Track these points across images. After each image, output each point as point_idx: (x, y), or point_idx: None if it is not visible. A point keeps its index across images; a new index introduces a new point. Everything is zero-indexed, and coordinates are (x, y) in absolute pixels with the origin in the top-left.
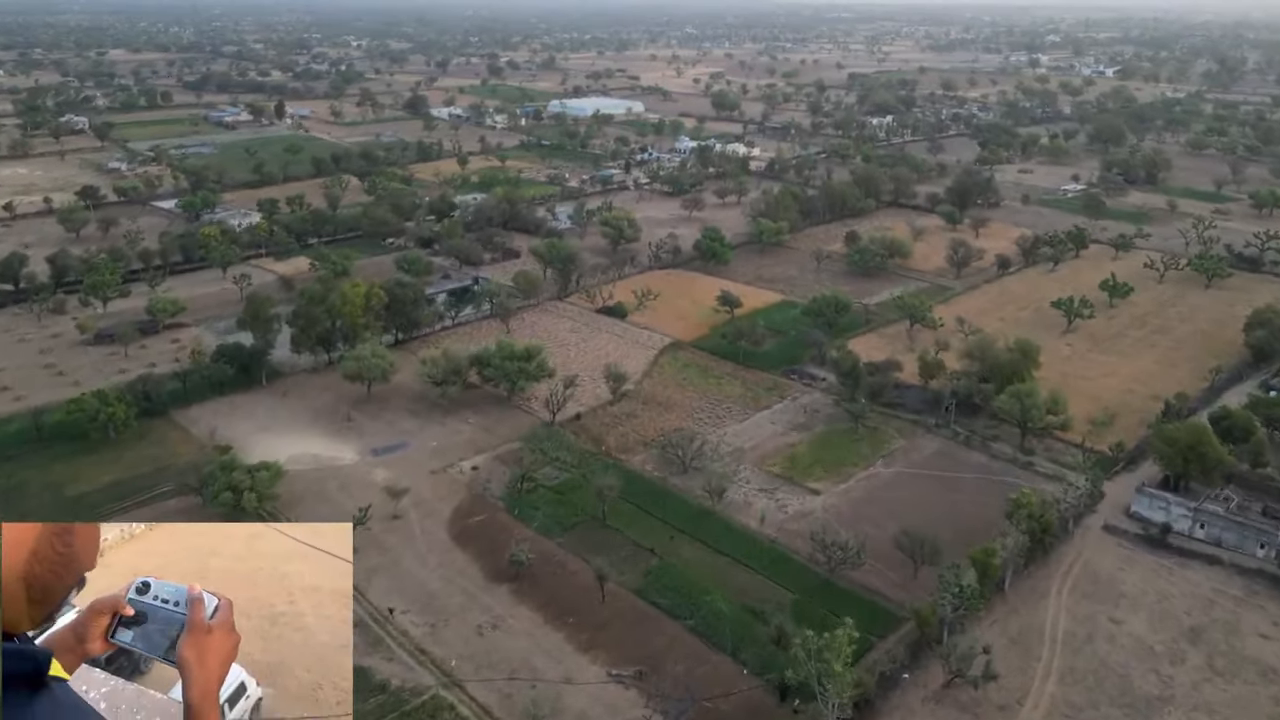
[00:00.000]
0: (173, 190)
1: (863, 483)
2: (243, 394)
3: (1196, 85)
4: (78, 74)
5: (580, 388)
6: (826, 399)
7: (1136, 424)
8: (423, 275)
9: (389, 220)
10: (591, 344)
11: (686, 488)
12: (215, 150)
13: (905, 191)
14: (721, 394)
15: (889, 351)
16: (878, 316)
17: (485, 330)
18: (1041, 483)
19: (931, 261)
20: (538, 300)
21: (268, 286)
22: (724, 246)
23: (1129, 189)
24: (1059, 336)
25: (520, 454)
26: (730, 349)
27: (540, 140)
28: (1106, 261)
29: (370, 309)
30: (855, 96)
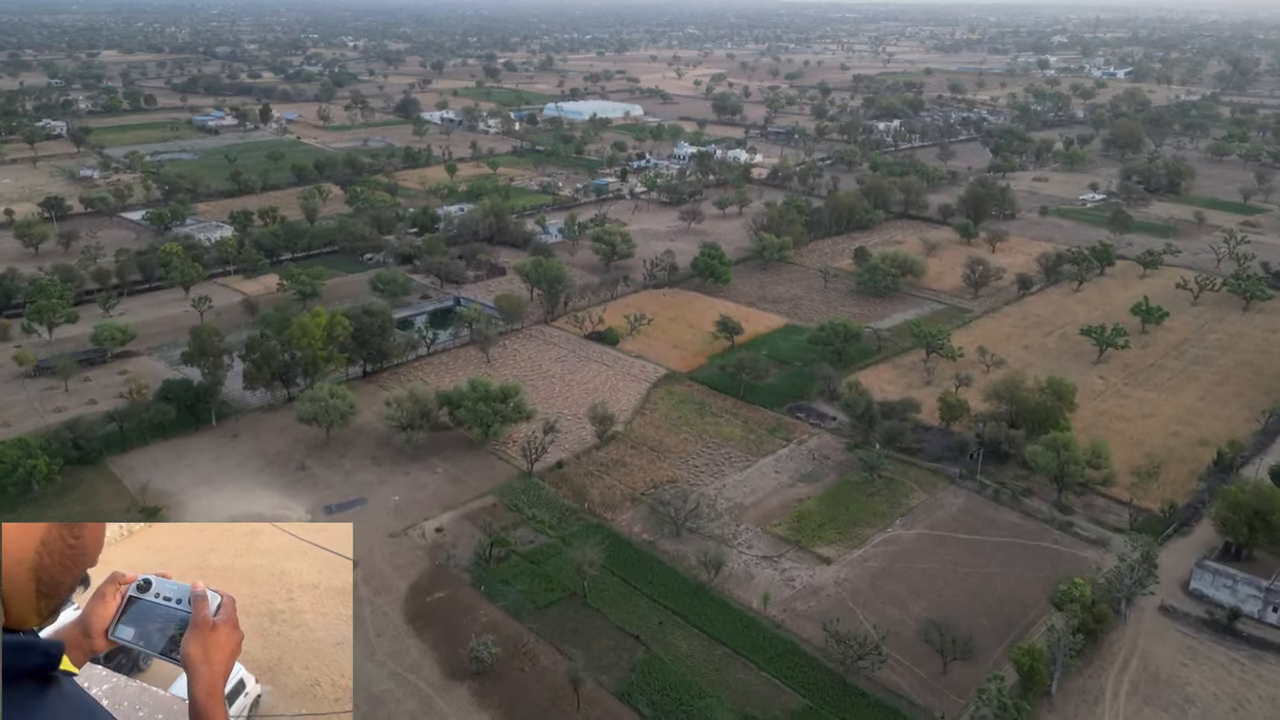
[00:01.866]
0: (144, 200)
1: (880, 549)
2: (189, 436)
3: (1210, 87)
4: (65, 76)
5: (563, 431)
6: (837, 442)
7: (1185, 476)
8: (400, 295)
9: (366, 235)
10: (578, 376)
11: (679, 555)
12: (196, 157)
13: (916, 202)
14: (720, 436)
15: (904, 385)
16: (891, 344)
17: (463, 359)
18: (1083, 549)
19: (946, 280)
20: (522, 325)
21: (230, 309)
22: (724, 265)
23: (1151, 199)
24: (1090, 368)
25: (493, 512)
26: (730, 382)
27: (534, 146)
28: (1134, 280)
29: (334, 339)
30: (861, 100)
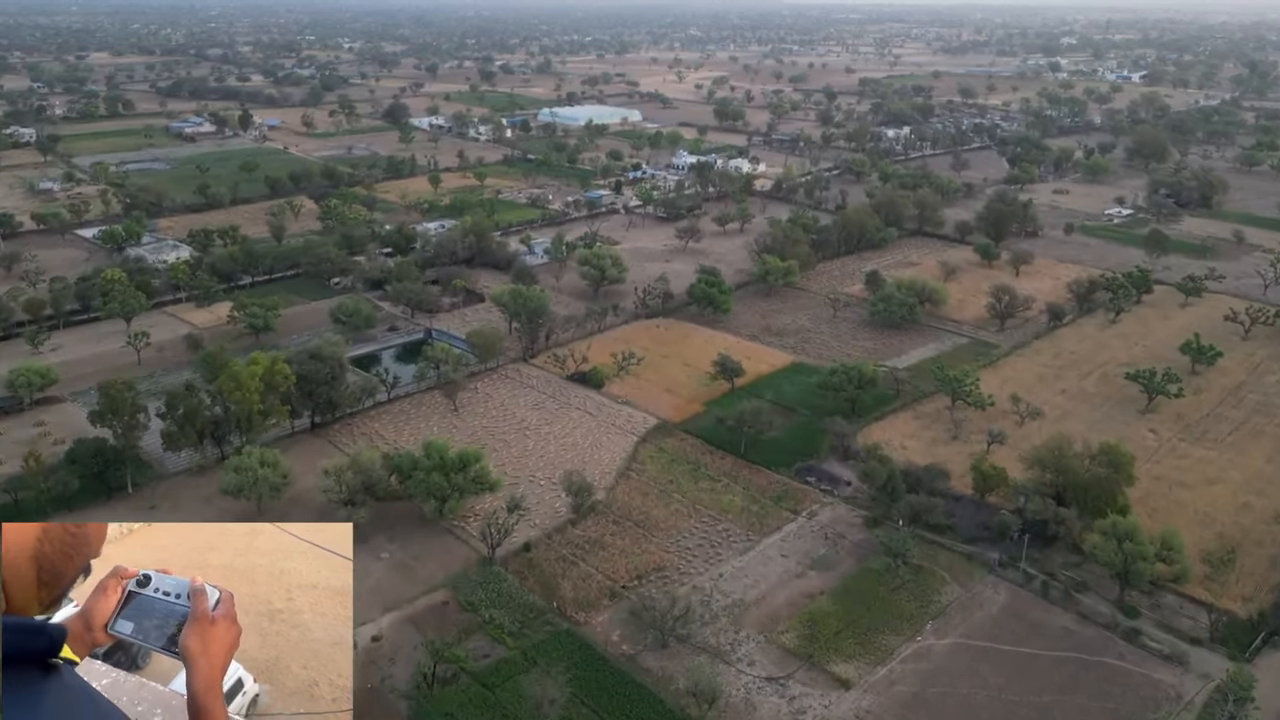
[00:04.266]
0: (101, 216)
1: (909, 666)
2: (99, 507)
3: (1228, 91)
4: (48, 79)
5: (534, 501)
6: (852, 515)
7: (1265, 564)
8: (363, 329)
9: (333, 257)
10: (557, 427)
11: (665, 675)
12: (169, 166)
13: (931, 219)
14: (717, 507)
15: (928, 440)
16: (910, 386)
17: (428, 407)
18: (1155, 667)
19: (969, 309)
20: (498, 363)
21: (173, 344)
22: (723, 293)
23: (1182, 214)
24: (1138, 418)
25: (444, 612)
26: (729, 437)
27: (526, 154)
28: (1174, 309)
29: (274, 389)
30: (868, 104)
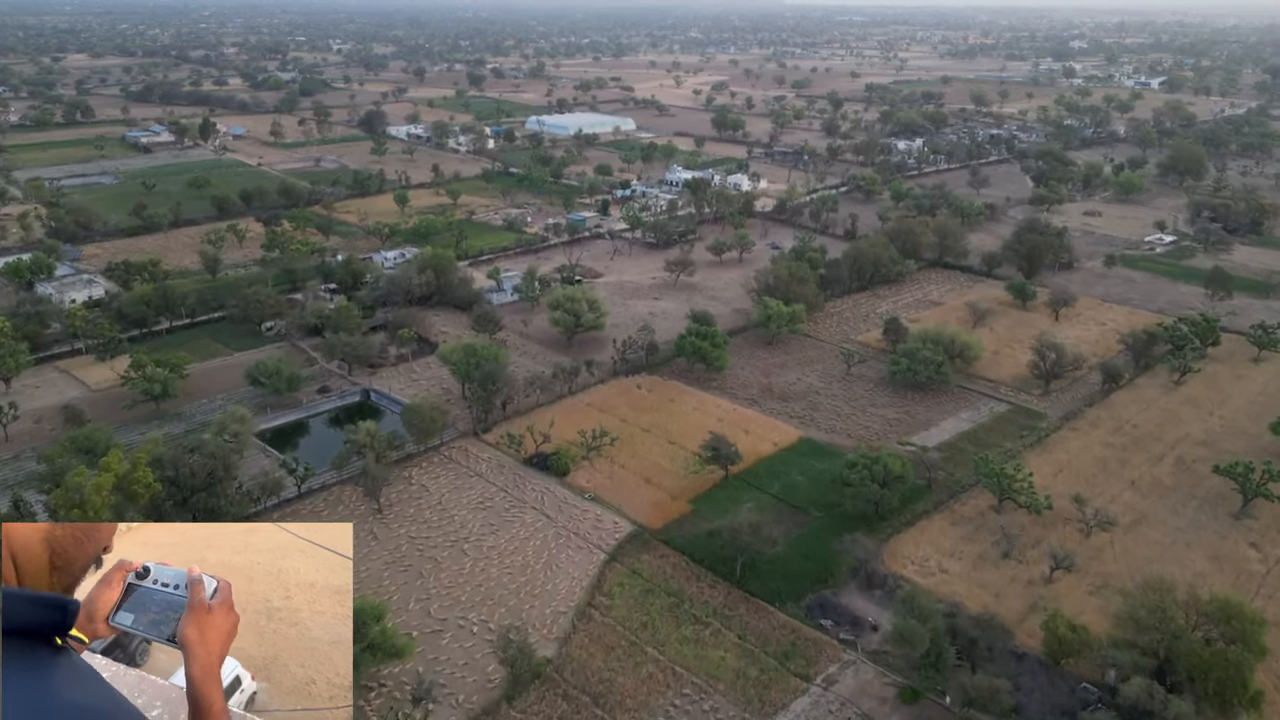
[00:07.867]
0: (21, 243)
1: None
2: None
3: (1252, 99)
4: (15, 83)
5: (460, 668)
6: (881, 682)
7: None
8: (285, 392)
9: (263, 299)
10: (503, 538)
11: None
12: (116, 180)
13: (952, 248)
14: (704, 671)
15: (971, 559)
16: (944, 474)
17: (347, 505)
18: None
19: (1005, 364)
20: (442, 439)
21: (51, 415)
22: (716, 347)
23: (1232, 241)
24: (1232, 527)
25: None
26: (722, 553)
27: (507, 168)
28: (1246, 364)
29: (133, 500)
30: (875, 113)
